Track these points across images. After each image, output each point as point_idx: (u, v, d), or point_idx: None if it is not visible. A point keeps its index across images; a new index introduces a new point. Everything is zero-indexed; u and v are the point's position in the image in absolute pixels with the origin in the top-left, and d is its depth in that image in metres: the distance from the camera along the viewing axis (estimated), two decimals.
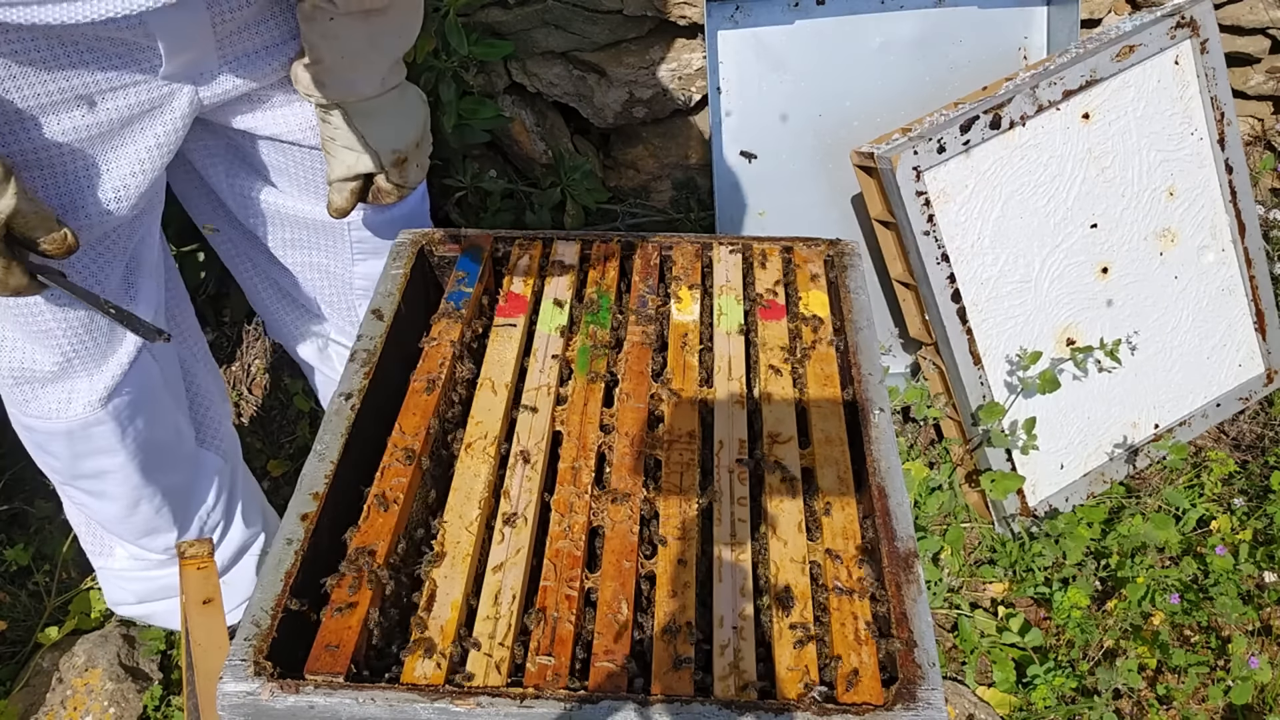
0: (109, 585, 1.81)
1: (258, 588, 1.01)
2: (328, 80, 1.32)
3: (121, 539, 1.69)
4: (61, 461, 1.50)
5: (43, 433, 1.45)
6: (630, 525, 1.09)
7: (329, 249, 1.59)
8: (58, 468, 1.52)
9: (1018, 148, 2.00)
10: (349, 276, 1.63)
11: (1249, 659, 1.89)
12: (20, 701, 1.82)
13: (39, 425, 1.44)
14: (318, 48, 1.30)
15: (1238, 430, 2.37)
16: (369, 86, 1.34)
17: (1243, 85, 2.56)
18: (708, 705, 0.91)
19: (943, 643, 2.01)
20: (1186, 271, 2.21)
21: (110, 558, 1.75)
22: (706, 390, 1.27)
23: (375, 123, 1.37)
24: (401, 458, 1.15)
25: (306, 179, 1.49)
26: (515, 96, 2.39)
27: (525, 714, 0.91)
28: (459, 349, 1.32)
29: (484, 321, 1.41)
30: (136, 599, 1.80)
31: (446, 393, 1.26)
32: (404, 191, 1.46)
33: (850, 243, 1.47)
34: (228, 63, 1.29)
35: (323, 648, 0.96)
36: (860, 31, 2.15)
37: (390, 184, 1.43)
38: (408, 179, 1.44)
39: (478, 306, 1.40)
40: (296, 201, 1.52)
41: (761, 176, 2.23)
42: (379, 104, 1.36)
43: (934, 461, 2.24)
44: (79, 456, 1.48)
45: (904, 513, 1.09)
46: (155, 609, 1.82)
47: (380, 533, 1.07)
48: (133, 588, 1.78)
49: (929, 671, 0.94)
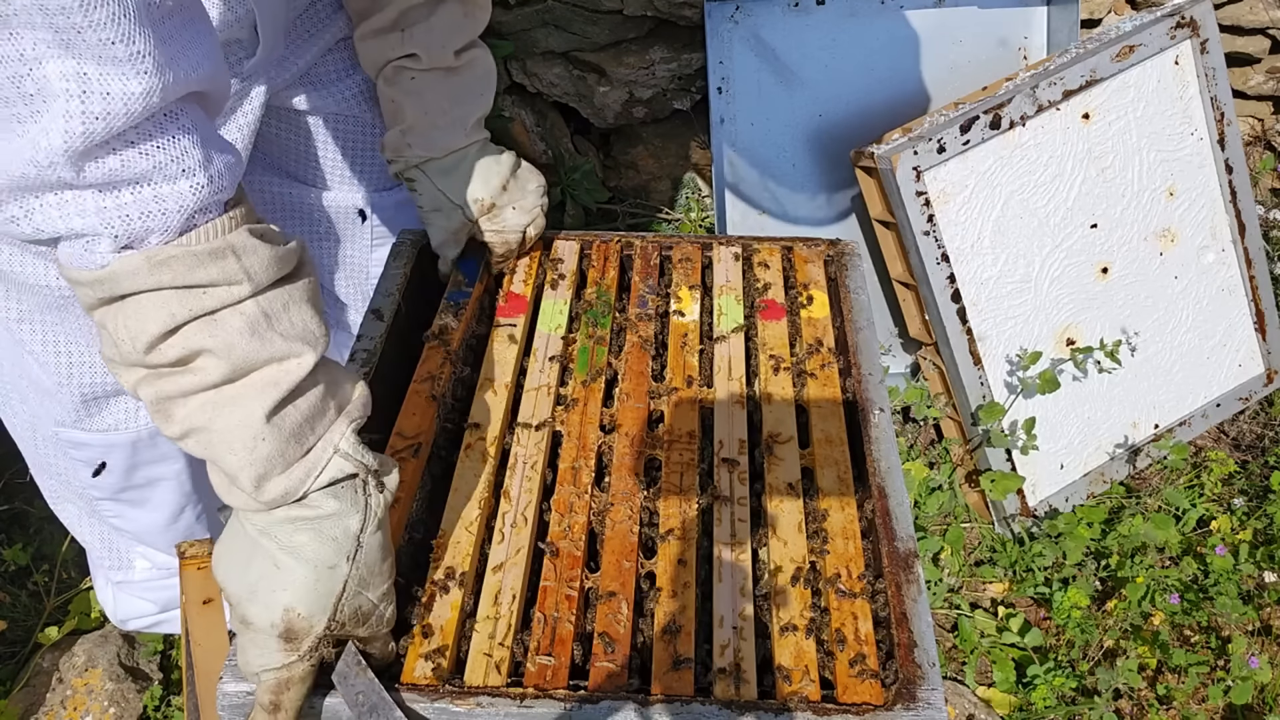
0: (125, 599, 1.77)
1: None
2: (412, 140, 1.34)
3: (154, 548, 1.66)
4: (114, 476, 1.47)
5: (100, 446, 1.42)
6: (630, 525, 1.09)
7: (350, 237, 1.60)
8: (105, 483, 1.48)
9: (1018, 148, 2.00)
10: (367, 264, 1.64)
11: (1249, 659, 1.89)
12: (20, 701, 1.82)
13: (98, 440, 1.41)
14: (401, 106, 1.33)
15: (1238, 430, 2.37)
16: (453, 140, 1.35)
17: (1243, 85, 2.56)
18: (708, 705, 0.91)
19: (943, 643, 2.01)
20: (1186, 271, 2.21)
21: (129, 570, 1.71)
22: (706, 390, 1.27)
23: (455, 178, 1.37)
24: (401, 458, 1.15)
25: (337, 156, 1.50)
26: (515, 96, 2.39)
27: (525, 714, 0.91)
28: (459, 350, 1.32)
29: (486, 324, 1.41)
30: (159, 608, 1.77)
31: (446, 394, 1.26)
32: (509, 240, 1.42)
33: (850, 243, 1.47)
34: (291, 45, 1.31)
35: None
36: (860, 32, 2.15)
37: (491, 233, 1.41)
38: (505, 223, 1.41)
39: (478, 307, 1.40)
40: (320, 189, 1.53)
41: (761, 176, 2.23)
42: (457, 159, 1.37)
43: (934, 461, 2.24)
44: (136, 467, 1.46)
45: (904, 513, 1.09)
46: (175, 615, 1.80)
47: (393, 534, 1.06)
48: (154, 597, 1.75)
49: (929, 671, 0.94)
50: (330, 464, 0.87)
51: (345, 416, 0.89)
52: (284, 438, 0.84)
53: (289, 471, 0.85)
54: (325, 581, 0.87)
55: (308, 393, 0.86)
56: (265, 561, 0.87)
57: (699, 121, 2.44)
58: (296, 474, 0.85)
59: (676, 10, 2.17)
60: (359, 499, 0.89)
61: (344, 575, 0.88)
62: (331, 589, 0.87)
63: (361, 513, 0.89)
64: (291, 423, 0.84)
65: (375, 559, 0.91)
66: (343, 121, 1.47)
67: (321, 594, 0.87)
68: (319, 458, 0.87)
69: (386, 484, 0.92)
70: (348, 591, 0.88)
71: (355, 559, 0.89)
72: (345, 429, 0.89)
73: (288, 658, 0.87)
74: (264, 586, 0.87)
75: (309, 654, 0.88)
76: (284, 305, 0.84)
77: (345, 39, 1.41)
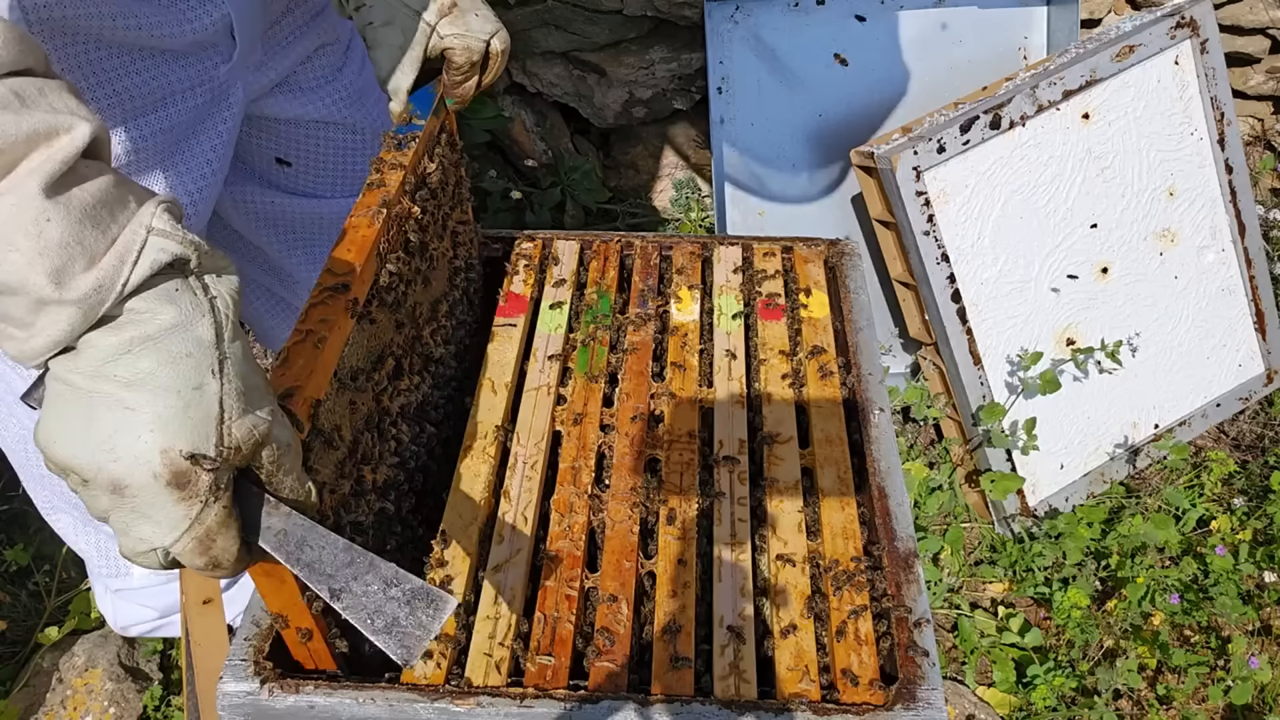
0: (124, 606, 1.75)
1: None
2: None
3: None
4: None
5: None
6: (630, 525, 1.09)
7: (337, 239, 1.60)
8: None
9: (1018, 148, 2.00)
10: None
11: (1249, 659, 1.89)
12: (20, 701, 1.82)
13: None
14: None
15: (1238, 430, 2.37)
16: None
17: (1243, 85, 2.56)
18: (708, 705, 0.91)
19: (943, 643, 2.01)
20: (1186, 271, 2.21)
21: (128, 577, 1.69)
22: (706, 390, 1.27)
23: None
24: (329, 294, 1.00)
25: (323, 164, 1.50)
26: (515, 96, 2.39)
27: (525, 714, 0.91)
28: (408, 185, 1.17)
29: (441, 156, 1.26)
30: (159, 614, 1.76)
31: (390, 227, 1.11)
32: (471, 47, 1.20)
33: (850, 243, 1.47)
34: (269, 50, 1.30)
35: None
36: (860, 32, 2.15)
37: (453, 35, 1.20)
38: (469, 26, 1.20)
39: (430, 142, 1.25)
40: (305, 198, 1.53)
41: (761, 176, 2.23)
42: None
43: (934, 461, 2.24)
44: None
45: (904, 513, 1.09)
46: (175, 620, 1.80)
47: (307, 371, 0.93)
48: (154, 603, 1.74)
49: (929, 671, 0.94)
50: (148, 246, 0.70)
51: (153, 200, 0.72)
52: (76, 219, 0.68)
53: (98, 264, 0.68)
54: (196, 406, 0.71)
55: (97, 178, 0.70)
56: (111, 409, 0.70)
57: (699, 121, 2.44)
58: (108, 263, 0.69)
59: (676, 10, 2.17)
60: (200, 301, 0.72)
61: (216, 393, 0.72)
62: (208, 413, 0.71)
63: (209, 315, 0.73)
64: (82, 203, 0.68)
65: (247, 369, 0.75)
66: (326, 129, 1.47)
67: (198, 421, 0.71)
68: (130, 241, 0.70)
69: (228, 281, 0.75)
70: (229, 411, 0.72)
71: (223, 372, 0.73)
72: (155, 208, 0.71)
73: (191, 508, 0.71)
74: (123, 437, 0.69)
75: (214, 492, 0.72)
76: (39, 90, 0.70)
77: (325, 45, 1.40)
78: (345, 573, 0.77)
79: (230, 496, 0.73)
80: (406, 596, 0.76)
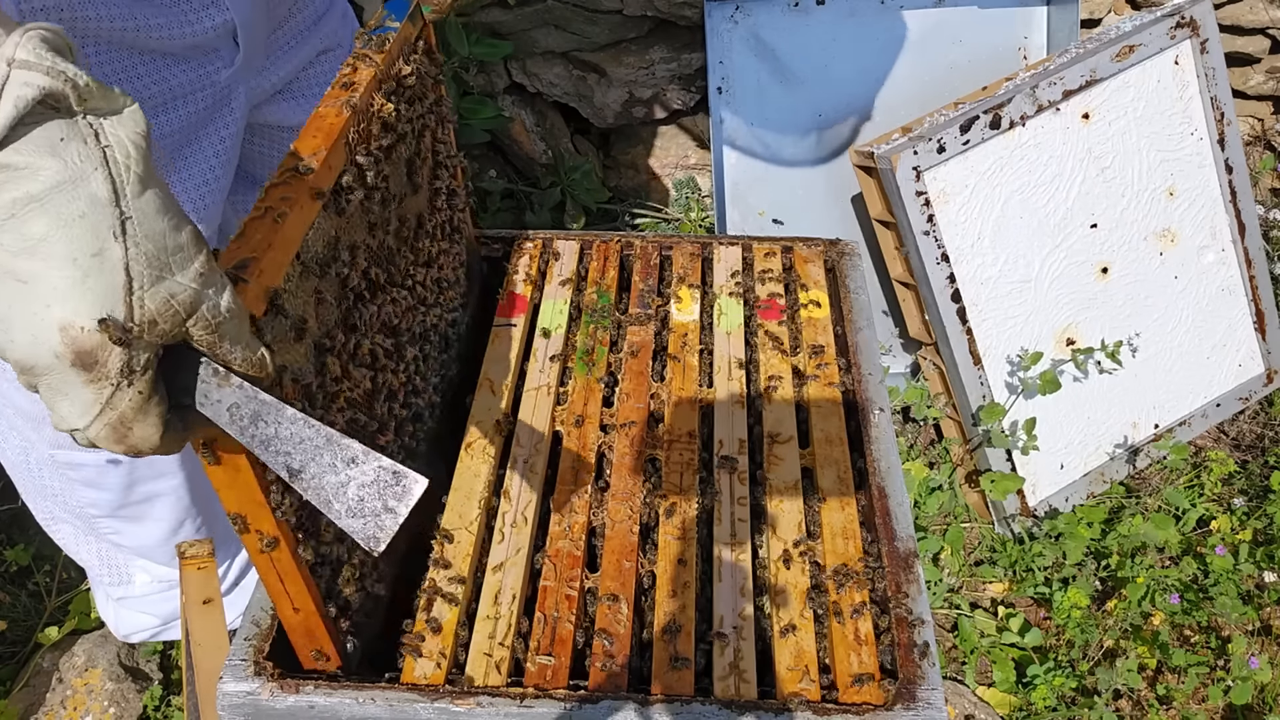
0: (126, 614, 1.76)
1: (258, 588, 1.01)
2: None
3: (154, 561, 1.65)
4: (112, 493, 1.45)
5: (96, 466, 1.40)
6: (630, 525, 1.09)
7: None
8: (103, 500, 1.47)
9: (1018, 148, 2.00)
10: None
11: (1249, 659, 1.89)
12: (20, 701, 1.82)
13: (93, 459, 1.39)
14: None
15: (1238, 430, 2.37)
16: None
17: (1243, 85, 2.56)
18: (708, 705, 0.91)
19: (943, 643, 2.01)
20: (1186, 271, 2.21)
21: (129, 585, 1.70)
22: (706, 390, 1.27)
23: None
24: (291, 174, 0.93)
25: None
26: (515, 96, 2.39)
27: (525, 714, 0.91)
28: (379, 82, 1.10)
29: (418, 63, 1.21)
30: (161, 620, 1.76)
31: (359, 119, 1.04)
32: None
33: (850, 243, 1.47)
34: (272, 55, 1.30)
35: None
36: (860, 32, 2.15)
37: None
38: None
39: (405, 45, 1.18)
40: None
41: (761, 176, 2.23)
42: None
43: (934, 461, 2.24)
44: (134, 484, 1.44)
45: (904, 513, 1.09)
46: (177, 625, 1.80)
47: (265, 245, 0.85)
48: (155, 610, 1.74)
49: (929, 671, 0.94)
50: (10, 81, 0.59)
51: (20, 29, 0.61)
52: None
53: None
54: (97, 275, 0.62)
55: None
56: (3, 283, 0.61)
57: (699, 121, 2.44)
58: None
59: (676, 10, 2.18)
60: (90, 151, 0.62)
61: (120, 259, 0.62)
62: (112, 282, 0.62)
63: (103, 168, 0.62)
64: None
65: (159, 228, 0.64)
66: None
67: (100, 291, 0.62)
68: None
69: (128, 122, 0.64)
70: (137, 278, 0.63)
71: (127, 234, 0.63)
72: (20, 38, 0.60)
73: (101, 391, 0.63)
74: (18, 312, 0.62)
75: (125, 375, 0.64)
76: None
77: (328, 51, 1.40)
78: (304, 449, 0.69)
79: (149, 378, 0.65)
80: (372, 477, 0.69)
